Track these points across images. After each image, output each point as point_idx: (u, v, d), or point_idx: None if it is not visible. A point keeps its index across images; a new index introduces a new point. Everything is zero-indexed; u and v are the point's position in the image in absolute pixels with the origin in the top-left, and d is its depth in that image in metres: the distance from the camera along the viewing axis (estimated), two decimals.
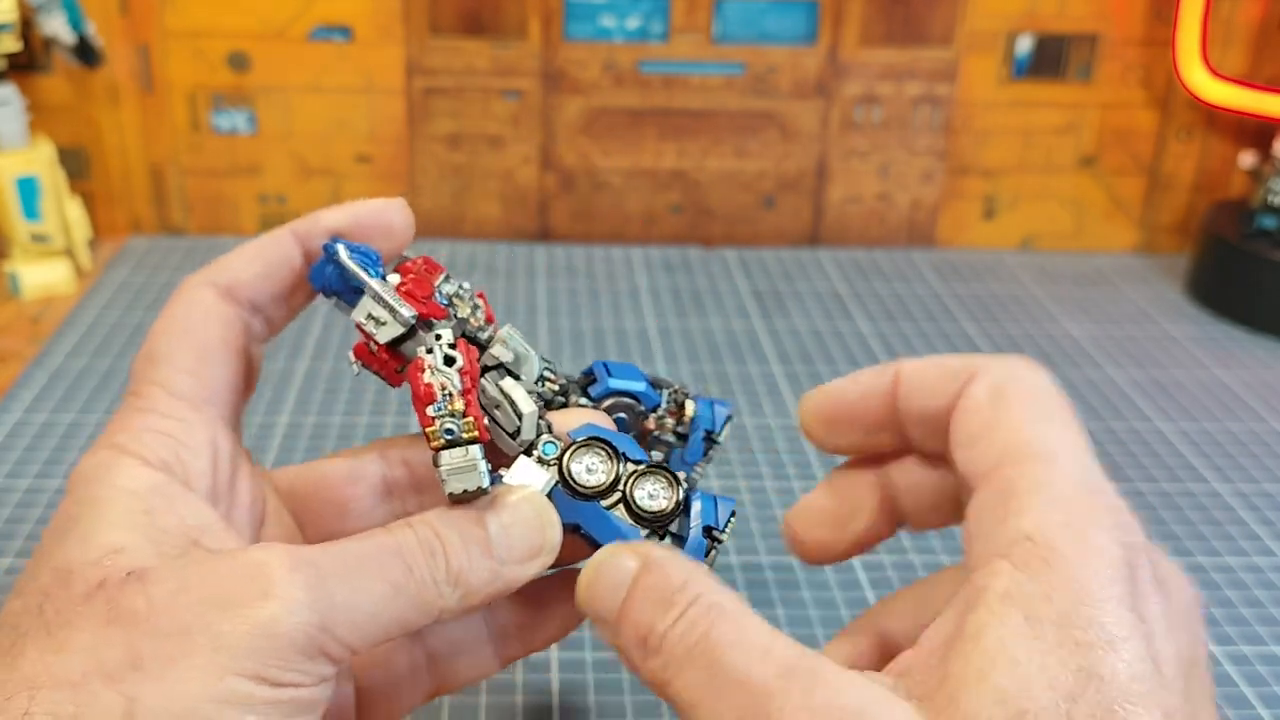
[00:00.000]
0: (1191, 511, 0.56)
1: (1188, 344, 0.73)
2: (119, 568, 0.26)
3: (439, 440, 0.29)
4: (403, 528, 0.29)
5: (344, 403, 0.62)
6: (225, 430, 0.32)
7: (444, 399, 0.29)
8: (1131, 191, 0.87)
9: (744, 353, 0.70)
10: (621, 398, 0.35)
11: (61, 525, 0.28)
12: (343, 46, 0.79)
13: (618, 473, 0.31)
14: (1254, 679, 0.45)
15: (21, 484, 0.54)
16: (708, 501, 0.31)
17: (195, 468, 0.30)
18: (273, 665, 0.25)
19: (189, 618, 0.25)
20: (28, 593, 0.27)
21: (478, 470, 0.29)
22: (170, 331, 0.31)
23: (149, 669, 0.25)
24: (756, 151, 0.84)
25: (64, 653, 0.25)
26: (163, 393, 0.30)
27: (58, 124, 0.78)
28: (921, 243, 0.87)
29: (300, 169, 0.82)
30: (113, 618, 0.26)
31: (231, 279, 0.32)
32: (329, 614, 0.26)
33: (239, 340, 0.32)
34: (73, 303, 0.72)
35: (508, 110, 0.82)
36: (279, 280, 0.33)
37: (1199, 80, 0.80)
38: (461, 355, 0.29)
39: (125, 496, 0.28)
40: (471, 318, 0.33)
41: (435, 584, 0.28)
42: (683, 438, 0.35)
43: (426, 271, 0.33)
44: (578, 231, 0.85)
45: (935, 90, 0.83)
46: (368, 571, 0.27)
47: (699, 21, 0.80)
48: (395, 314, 0.31)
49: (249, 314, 0.33)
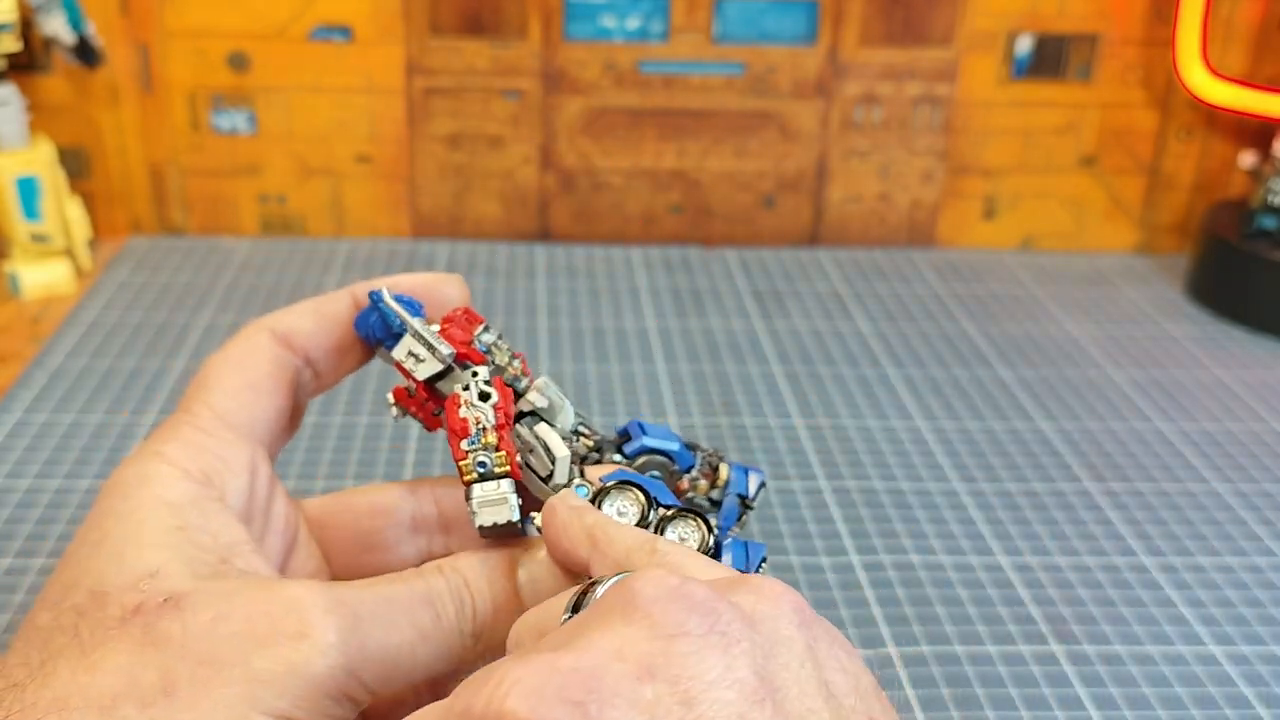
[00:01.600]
0: (1191, 511, 0.56)
1: (1188, 344, 0.73)
2: (156, 592, 0.27)
3: (472, 474, 0.29)
4: (435, 574, 0.29)
5: (344, 403, 0.62)
6: (264, 456, 0.33)
7: (478, 433, 0.30)
8: (1131, 191, 0.87)
9: (744, 353, 0.70)
10: (655, 455, 0.35)
11: (95, 538, 0.28)
12: (343, 46, 0.79)
13: (648, 516, 0.31)
14: (1254, 679, 0.45)
15: (21, 484, 0.54)
16: (739, 546, 0.31)
17: (233, 485, 0.31)
18: (300, 706, 0.26)
19: (224, 649, 0.26)
20: (62, 610, 0.27)
21: (509, 504, 0.29)
22: (223, 364, 0.33)
23: (181, 696, 0.25)
24: (756, 151, 0.84)
25: (97, 673, 0.25)
26: (210, 413, 0.32)
27: (58, 124, 0.78)
28: (921, 243, 0.87)
29: (300, 169, 0.82)
30: (149, 642, 0.26)
31: (289, 327, 0.34)
32: (358, 658, 0.27)
33: (288, 380, 0.34)
34: (73, 303, 0.72)
35: (508, 110, 0.82)
36: (332, 335, 0.34)
37: (1199, 80, 0.80)
38: (497, 392, 0.30)
39: (162, 509, 0.29)
40: (509, 366, 0.34)
41: (461, 635, 0.29)
42: (716, 503, 0.36)
43: (467, 321, 0.34)
44: (578, 231, 0.85)
45: (935, 90, 0.83)
46: (399, 617, 0.28)
47: (699, 21, 0.80)
48: (434, 351, 0.32)
49: (301, 363, 0.34)
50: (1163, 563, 0.52)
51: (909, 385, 0.66)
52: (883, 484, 0.57)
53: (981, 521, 0.54)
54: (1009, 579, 0.50)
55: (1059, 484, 0.57)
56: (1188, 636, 0.47)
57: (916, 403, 0.64)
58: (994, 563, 0.51)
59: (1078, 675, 0.45)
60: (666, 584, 0.24)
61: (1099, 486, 0.57)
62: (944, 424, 0.62)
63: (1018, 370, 0.69)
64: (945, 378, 0.67)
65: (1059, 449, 0.60)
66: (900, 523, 0.54)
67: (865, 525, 0.53)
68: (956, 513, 0.55)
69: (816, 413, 0.63)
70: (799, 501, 0.55)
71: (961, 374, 0.68)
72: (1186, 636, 0.47)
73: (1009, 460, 0.59)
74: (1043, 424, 0.63)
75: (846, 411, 0.63)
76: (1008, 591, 0.49)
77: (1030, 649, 0.46)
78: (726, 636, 0.23)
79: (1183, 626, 0.48)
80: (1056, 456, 0.60)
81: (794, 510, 0.54)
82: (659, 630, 0.23)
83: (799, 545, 0.52)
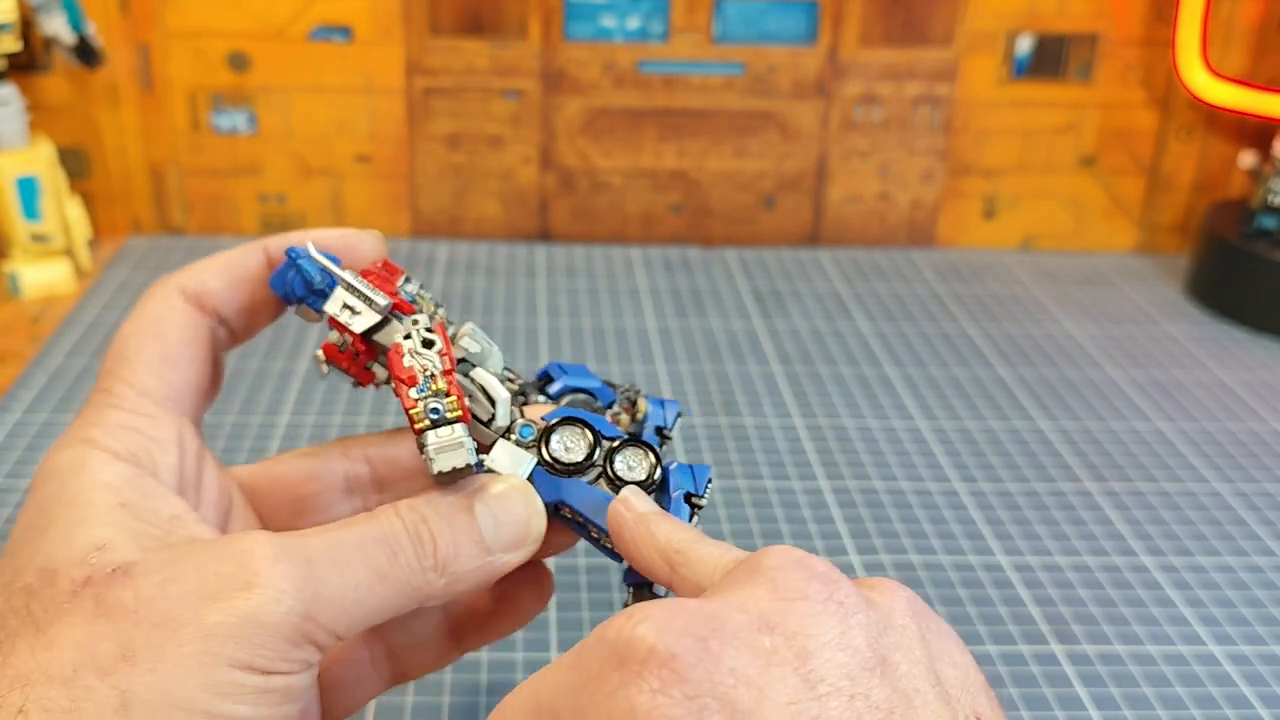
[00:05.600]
0: (1191, 511, 0.56)
1: (1188, 344, 0.73)
2: (104, 564, 0.27)
3: (424, 421, 0.29)
4: (390, 514, 0.29)
5: (344, 402, 0.62)
6: (190, 428, 0.32)
7: (426, 381, 0.29)
8: (1131, 191, 0.87)
9: (744, 353, 0.70)
10: (578, 394, 0.36)
11: (38, 522, 0.28)
12: (343, 46, 0.79)
13: (595, 448, 0.32)
14: (1254, 679, 0.45)
15: (22, 484, 0.54)
16: (685, 470, 0.32)
17: (163, 462, 0.31)
18: (261, 655, 0.26)
19: (177, 609, 0.26)
20: (12, 593, 0.27)
21: (465, 447, 0.29)
22: (139, 333, 0.32)
23: (140, 661, 0.25)
24: (756, 151, 0.84)
25: (55, 649, 0.26)
26: (130, 390, 0.31)
27: (58, 124, 0.78)
28: (921, 243, 0.87)
29: (300, 169, 0.82)
30: (101, 612, 0.26)
31: (200, 286, 0.33)
32: (314, 603, 0.27)
33: (204, 345, 0.33)
34: (73, 303, 0.72)
35: (508, 110, 0.82)
36: (246, 292, 0.33)
37: (1199, 80, 0.80)
38: (440, 339, 0.30)
39: (101, 490, 0.29)
40: (436, 316, 0.33)
41: (422, 570, 0.29)
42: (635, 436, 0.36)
43: (387, 273, 0.33)
44: (578, 231, 0.85)
45: (935, 90, 0.83)
46: (353, 558, 0.28)
47: (699, 21, 0.80)
48: (371, 303, 0.31)
49: (214, 322, 0.33)
50: (1163, 563, 0.52)
51: (909, 385, 0.66)
52: (883, 484, 0.57)
53: (981, 521, 0.54)
54: (1009, 579, 0.50)
55: (1059, 484, 0.57)
56: (1188, 636, 0.47)
57: (916, 403, 0.64)
58: (994, 563, 0.51)
59: (1078, 675, 0.45)
60: (790, 555, 0.26)
61: (1099, 486, 0.57)
62: (944, 424, 0.62)
63: (1018, 370, 0.69)
64: (945, 378, 0.67)
65: (1059, 449, 0.60)
66: (900, 523, 0.54)
67: (865, 525, 0.53)
68: (956, 513, 0.55)
69: (816, 413, 0.63)
70: (799, 501, 0.55)
71: (961, 374, 0.68)
72: (1186, 636, 0.47)
73: (1009, 460, 0.59)
74: (1043, 424, 0.63)
75: (846, 411, 0.63)
76: (1008, 591, 0.49)
77: (1030, 649, 0.46)
78: (844, 607, 0.25)
79: (1183, 626, 0.48)
80: (1056, 456, 0.60)
81: (794, 510, 0.54)
82: (781, 593, 0.25)
83: (799, 545, 0.51)
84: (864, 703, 0.23)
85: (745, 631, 0.23)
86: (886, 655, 0.24)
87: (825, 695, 0.23)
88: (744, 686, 0.23)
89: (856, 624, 0.24)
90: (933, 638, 0.26)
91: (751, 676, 0.23)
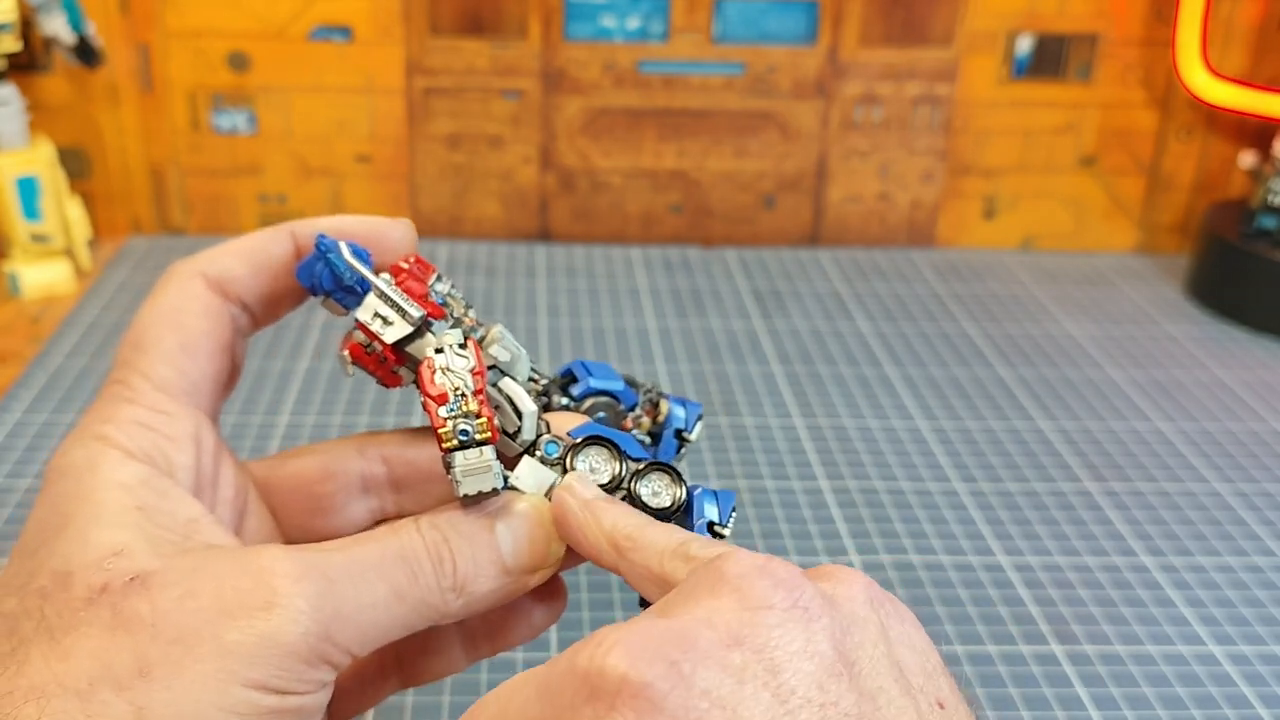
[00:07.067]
0: (1191, 511, 0.56)
1: (1188, 344, 0.73)
2: (121, 571, 0.26)
3: (453, 441, 0.28)
4: (411, 531, 0.29)
5: (344, 402, 0.62)
6: (207, 423, 0.31)
7: (456, 400, 0.29)
8: (1131, 191, 0.87)
9: (744, 353, 0.70)
10: (601, 397, 0.35)
11: (53, 521, 0.28)
12: (343, 46, 0.79)
13: (621, 471, 0.31)
14: (1254, 679, 0.45)
15: (22, 484, 0.54)
16: (709, 497, 0.32)
17: (179, 461, 0.30)
18: (277, 675, 0.26)
19: (195, 625, 0.26)
20: (26, 594, 0.27)
21: (492, 471, 0.28)
22: (157, 321, 0.31)
23: (156, 677, 0.25)
24: (756, 151, 0.84)
25: (71, 659, 0.25)
26: (146, 384, 0.30)
27: (58, 124, 0.78)
28: (921, 243, 0.87)
29: (300, 169, 0.82)
30: (118, 623, 0.26)
31: (222, 272, 0.32)
32: (332, 622, 0.26)
33: (225, 335, 0.32)
34: (73, 303, 0.72)
35: (508, 110, 0.82)
36: (270, 280, 0.32)
37: (1199, 80, 0.80)
38: (473, 356, 0.29)
39: (116, 491, 0.28)
40: (466, 317, 0.33)
41: (440, 591, 0.28)
42: (655, 437, 0.36)
43: (420, 271, 0.32)
44: (578, 231, 0.85)
45: (935, 90, 0.83)
46: (372, 577, 0.27)
47: (699, 21, 0.80)
48: (404, 314, 0.30)
49: (236, 309, 0.32)
50: (1163, 563, 0.52)
51: (909, 385, 0.66)
52: (883, 484, 0.57)
53: (981, 521, 0.54)
54: (1009, 579, 0.50)
55: (1059, 484, 0.57)
56: (1188, 636, 0.47)
57: (916, 403, 0.64)
58: (994, 563, 0.51)
59: (1078, 675, 0.45)
60: (752, 562, 0.25)
61: (1099, 486, 0.57)
62: (944, 424, 0.62)
63: (1018, 370, 0.69)
64: (945, 378, 0.67)
65: (1059, 449, 0.60)
66: (900, 522, 0.54)
67: (865, 525, 0.53)
68: (956, 513, 0.55)
69: (816, 413, 0.63)
70: (799, 501, 0.55)
71: (961, 374, 0.68)
72: (1186, 636, 0.47)
73: (1009, 460, 0.59)
74: (1043, 424, 0.63)
75: (846, 411, 0.63)
76: (1008, 591, 0.49)
77: (1030, 649, 0.46)
78: (808, 612, 0.25)
79: (1183, 626, 0.48)
80: (1056, 456, 0.60)
81: (794, 510, 0.54)
82: (746, 603, 0.25)
83: (799, 545, 0.52)
84: (834, 710, 0.23)
85: (715, 649, 0.24)
86: (851, 657, 0.24)
87: (797, 709, 0.23)
88: (718, 710, 0.23)
89: (820, 629, 0.24)
90: (892, 624, 0.26)
91: (724, 697, 0.23)
